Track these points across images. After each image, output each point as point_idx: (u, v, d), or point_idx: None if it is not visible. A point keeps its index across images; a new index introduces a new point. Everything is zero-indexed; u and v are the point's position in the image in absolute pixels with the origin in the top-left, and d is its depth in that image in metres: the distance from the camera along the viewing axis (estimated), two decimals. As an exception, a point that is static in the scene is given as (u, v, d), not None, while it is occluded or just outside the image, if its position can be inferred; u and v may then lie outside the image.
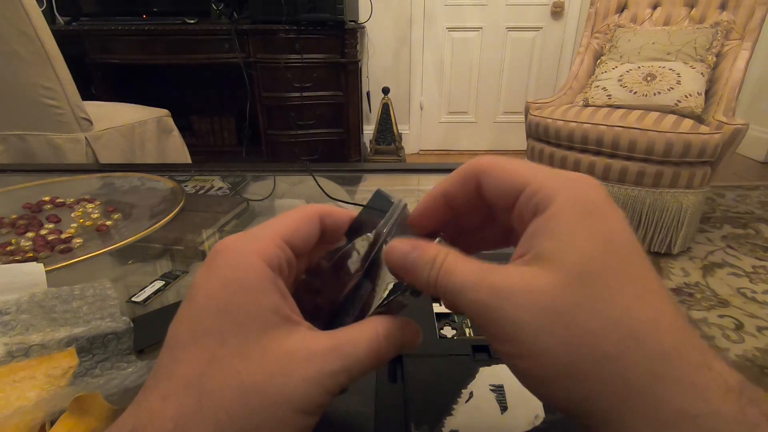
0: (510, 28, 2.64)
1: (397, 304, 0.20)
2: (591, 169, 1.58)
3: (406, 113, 2.83)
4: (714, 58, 1.63)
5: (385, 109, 2.47)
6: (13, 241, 0.45)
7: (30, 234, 0.46)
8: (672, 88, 1.56)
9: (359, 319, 0.19)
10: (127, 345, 0.29)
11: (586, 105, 1.68)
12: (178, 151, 1.61)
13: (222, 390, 0.14)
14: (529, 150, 1.82)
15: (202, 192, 0.60)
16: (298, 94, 2.16)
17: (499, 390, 0.24)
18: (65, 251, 0.43)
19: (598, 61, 1.87)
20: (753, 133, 2.48)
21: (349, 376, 0.16)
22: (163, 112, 1.55)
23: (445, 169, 0.70)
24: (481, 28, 2.64)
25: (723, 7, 1.70)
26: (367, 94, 2.69)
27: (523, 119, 1.88)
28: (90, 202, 0.54)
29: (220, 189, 0.62)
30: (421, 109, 2.84)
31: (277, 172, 0.67)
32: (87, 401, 0.23)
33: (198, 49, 2.12)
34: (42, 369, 0.26)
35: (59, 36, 1.15)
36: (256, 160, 2.39)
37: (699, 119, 1.53)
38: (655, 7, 1.85)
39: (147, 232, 0.46)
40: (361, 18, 2.46)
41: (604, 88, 1.68)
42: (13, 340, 0.27)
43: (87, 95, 1.31)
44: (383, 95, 2.46)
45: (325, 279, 0.20)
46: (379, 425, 0.23)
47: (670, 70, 1.61)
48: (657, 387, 0.13)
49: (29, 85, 1.12)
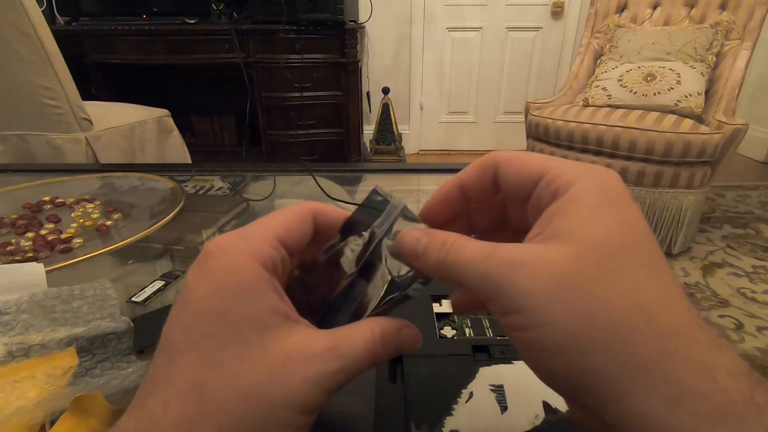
0: (510, 28, 2.64)
1: (395, 303, 0.19)
2: (591, 169, 1.58)
3: (406, 113, 2.83)
4: (714, 58, 1.63)
5: (385, 109, 2.47)
6: (13, 241, 0.45)
7: (30, 234, 0.46)
8: (672, 88, 1.56)
9: (354, 318, 0.19)
10: (127, 345, 0.29)
11: (586, 105, 1.68)
12: (178, 151, 1.61)
13: (223, 393, 0.14)
14: (529, 150, 1.82)
15: (202, 192, 0.60)
16: (298, 94, 2.16)
17: (499, 390, 0.24)
18: (65, 251, 0.43)
19: (598, 61, 1.87)
20: (753, 133, 2.48)
21: (347, 376, 0.16)
22: (163, 112, 1.55)
23: (446, 169, 0.69)
24: (481, 28, 2.64)
25: (723, 7, 1.70)
26: (367, 94, 2.69)
27: (523, 119, 1.88)
28: (90, 202, 0.54)
29: (220, 189, 0.62)
30: (421, 109, 2.84)
31: (277, 172, 0.67)
32: (87, 401, 0.23)
33: (198, 49, 2.12)
34: (42, 369, 0.26)
35: (59, 36, 1.15)
36: (256, 160, 2.39)
37: (699, 119, 1.53)
38: (655, 7, 1.85)
39: (147, 232, 0.46)
40: (361, 18, 2.46)
41: (604, 88, 1.68)
42: (13, 340, 0.27)
43: (87, 95, 1.31)
44: (383, 95, 2.46)
45: (317, 276, 0.20)
46: (379, 425, 0.23)
47: (670, 70, 1.61)
48: (666, 363, 0.13)
49: (29, 85, 1.12)
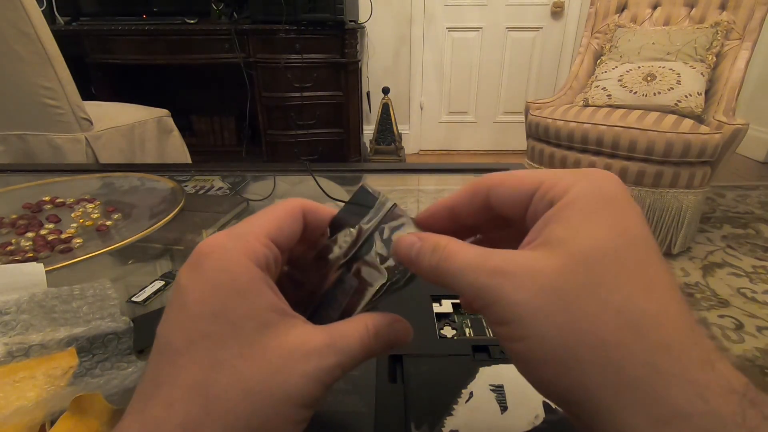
0: (510, 28, 2.64)
1: (385, 295, 0.20)
2: (591, 169, 1.58)
3: (406, 113, 2.83)
4: (714, 58, 1.63)
5: (385, 109, 2.47)
6: (13, 241, 0.45)
7: (30, 234, 0.46)
8: (672, 88, 1.56)
9: (345, 313, 0.19)
10: (127, 345, 0.29)
11: (586, 105, 1.68)
12: (178, 151, 1.61)
13: (227, 393, 0.15)
14: (529, 150, 1.82)
15: (202, 192, 0.60)
16: (298, 94, 2.16)
17: (499, 390, 0.24)
18: (65, 251, 0.43)
19: (598, 61, 1.87)
20: (753, 133, 2.48)
21: (343, 370, 0.17)
22: (163, 112, 1.55)
23: (446, 169, 0.70)
24: (481, 28, 2.64)
25: (723, 7, 1.70)
26: (367, 94, 2.69)
27: (523, 119, 1.88)
28: (90, 202, 0.54)
29: (220, 189, 0.62)
30: (421, 109, 2.84)
31: (277, 172, 0.67)
32: (87, 401, 0.23)
33: (198, 49, 2.12)
34: (42, 369, 0.26)
35: (59, 36, 1.15)
36: (256, 160, 2.39)
37: (699, 119, 1.53)
38: (655, 7, 1.85)
39: (147, 232, 0.46)
40: (361, 18, 2.46)
41: (604, 88, 1.68)
42: (13, 340, 0.27)
43: (87, 95, 1.31)
44: (383, 95, 2.46)
45: (307, 272, 0.20)
46: (379, 425, 0.23)
47: (670, 70, 1.60)
48: (654, 381, 0.13)
49: (29, 85, 1.12)
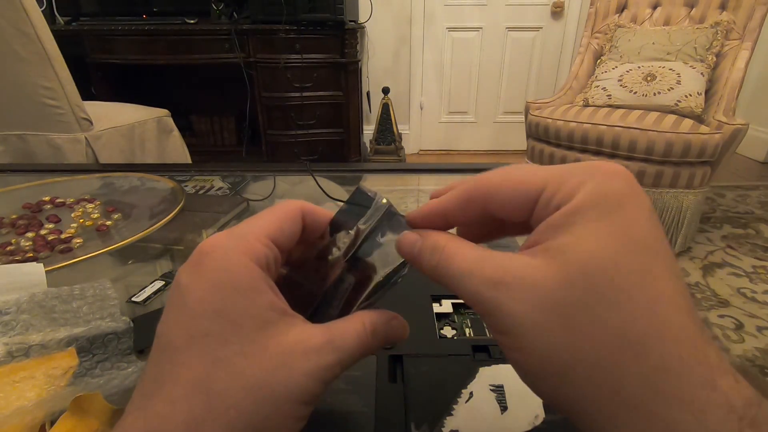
0: (510, 28, 2.64)
1: (382, 293, 0.20)
2: (591, 169, 1.58)
3: (406, 113, 2.83)
4: (714, 58, 1.63)
5: (385, 109, 2.47)
6: (13, 241, 0.44)
7: (30, 234, 0.46)
8: (672, 88, 1.56)
9: (344, 312, 0.19)
10: (127, 345, 0.29)
11: (586, 105, 1.68)
12: (178, 151, 1.61)
13: (229, 390, 0.15)
14: (529, 150, 1.82)
15: (202, 192, 0.60)
16: (298, 94, 2.16)
17: (499, 390, 0.24)
18: (65, 251, 0.43)
19: (598, 61, 1.87)
20: (753, 133, 2.48)
21: (342, 367, 0.17)
22: (163, 112, 1.55)
23: (445, 169, 0.69)
24: (481, 28, 2.64)
25: (723, 7, 1.70)
26: (367, 94, 2.69)
27: (523, 119, 1.88)
28: (90, 202, 0.54)
29: (220, 189, 0.62)
30: (421, 109, 2.84)
31: (277, 172, 0.67)
32: (87, 401, 0.23)
33: (198, 49, 2.12)
34: (42, 369, 0.26)
35: (59, 36, 1.15)
36: (256, 160, 2.39)
37: (699, 119, 1.53)
38: (655, 7, 1.85)
39: (147, 232, 0.46)
40: (361, 18, 2.46)
41: (604, 88, 1.68)
42: (13, 340, 0.27)
43: (87, 95, 1.31)
44: (383, 95, 2.46)
45: (306, 272, 0.20)
46: (379, 425, 0.23)
47: (670, 70, 1.60)
48: (652, 402, 0.13)
49: (29, 85, 1.12)
